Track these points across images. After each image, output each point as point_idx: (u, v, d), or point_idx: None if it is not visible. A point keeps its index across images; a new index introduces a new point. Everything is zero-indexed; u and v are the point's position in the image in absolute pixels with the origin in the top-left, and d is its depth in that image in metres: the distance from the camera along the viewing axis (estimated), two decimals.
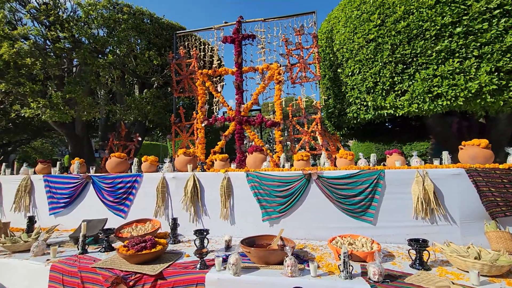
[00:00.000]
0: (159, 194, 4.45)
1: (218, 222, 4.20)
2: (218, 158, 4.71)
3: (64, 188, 4.93)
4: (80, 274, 2.99)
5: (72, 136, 7.96)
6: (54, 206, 4.94)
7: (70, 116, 5.58)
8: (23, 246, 3.57)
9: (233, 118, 5.64)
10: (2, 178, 5.35)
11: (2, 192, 5.30)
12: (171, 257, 3.21)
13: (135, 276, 2.83)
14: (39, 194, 5.11)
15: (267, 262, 2.87)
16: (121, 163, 5.11)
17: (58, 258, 3.31)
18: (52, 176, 5.08)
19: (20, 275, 3.23)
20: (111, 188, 4.70)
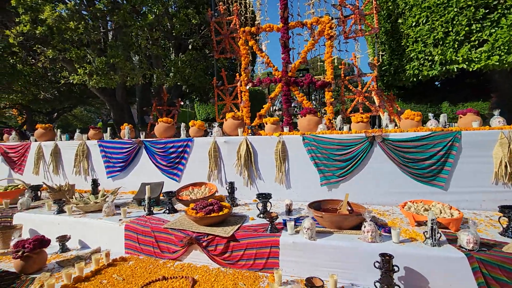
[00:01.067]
0: (211, 159, 4.43)
1: (273, 186, 4.15)
2: (269, 122, 4.52)
3: (118, 153, 5.07)
4: (153, 234, 3.11)
5: (113, 103, 8.09)
6: (110, 170, 5.15)
7: (115, 81, 5.54)
8: (94, 207, 3.77)
9: (279, 79, 5.33)
10: (60, 144, 5.60)
11: (62, 157, 5.58)
12: (237, 220, 3.23)
13: (207, 237, 2.88)
14: (95, 159, 5.32)
15: (340, 227, 2.78)
16: (169, 128, 5.10)
17: (129, 218, 3.46)
18: (106, 141, 5.23)
19: (97, 233, 3.44)
20: (163, 152, 4.75)
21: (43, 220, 3.75)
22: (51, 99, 8.56)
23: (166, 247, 3.06)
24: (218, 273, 2.67)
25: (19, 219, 3.86)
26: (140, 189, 4.27)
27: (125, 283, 2.55)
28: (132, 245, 3.21)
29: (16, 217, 3.89)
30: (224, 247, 2.82)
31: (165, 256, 3.04)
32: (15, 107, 12.84)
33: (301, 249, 2.60)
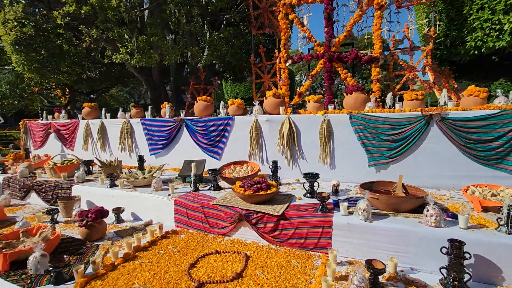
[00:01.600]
0: (253, 137, 4.39)
1: (316, 166, 4.05)
2: (312, 100, 4.34)
3: (160, 131, 5.20)
4: (202, 210, 3.18)
5: (150, 82, 8.25)
6: (153, 147, 5.32)
7: (154, 60, 5.59)
8: (143, 182, 3.93)
9: (321, 54, 5.05)
10: (106, 122, 5.86)
11: (107, 134, 5.86)
12: (284, 199, 3.20)
13: (256, 215, 2.89)
14: (138, 136, 5.52)
15: (396, 209, 2.64)
16: (208, 106, 5.11)
17: (176, 194, 3.56)
18: (148, 119, 5.37)
19: (148, 207, 3.60)
20: (204, 131, 4.79)
21: (98, 192, 3.99)
22: (93, 79, 8.93)
23: (215, 223, 3.12)
24: (269, 250, 2.69)
25: (76, 191, 4.15)
26: (183, 166, 4.38)
27: (180, 254, 2.65)
28: (181, 219, 3.33)
29: (74, 189, 4.18)
30: (274, 225, 2.81)
31: (214, 231, 3.11)
32: (59, 88, 13.62)
33: (356, 230, 2.52)
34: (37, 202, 4.51)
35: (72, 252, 2.78)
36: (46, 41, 5.91)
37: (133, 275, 2.32)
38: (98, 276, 2.29)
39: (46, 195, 4.38)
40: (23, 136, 6.99)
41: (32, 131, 6.94)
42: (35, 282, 2.27)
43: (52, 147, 6.61)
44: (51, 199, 4.34)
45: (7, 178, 4.92)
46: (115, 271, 2.39)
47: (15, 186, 4.77)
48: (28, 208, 4.26)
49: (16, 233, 2.91)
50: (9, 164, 5.59)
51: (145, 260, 2.54)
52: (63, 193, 4.25)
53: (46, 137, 6.69)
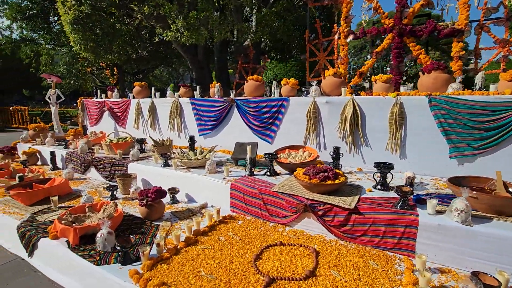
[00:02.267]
0: (310, 120, 4.05)
1: (383, 154, 3.62)
2: (380, 80, 3.84)
3: (210, 111, 5.07)
4: (261, 196, 2.99)
5: (195, 62, 8.15)
6: (202, 128, 5.23)
7: (204, 37, 5.38)
8: (196, 163, 3.85)
9: (390, 28, 4.43)
10: (155, 101, 5.90)
11: (157, 113, 5.90)
12: (351, 190, 2.88)
13: (323, 206, 2.62)
14: (187, 116, 5.46)
15: (501, 212, 2.19)
16: (259, 87, 4.83)
17: (232, 177, 3.41)
18: (198, 99, 5.26)
19: (202, 189, 3.51)
20: (256, 112, 4.55)
21: (153, 171, 4.00)
22: (140, 59, 9.09)
23: (274, 211, 2.92)
24: (339, 247, 2.42)
25: (132, 168, 4.22)
26: (235, 149, 4.21)
27: (242, 243, 2.50)
28: (238, 205, 3.18)
29: (130, 166, 4.25)
30: (344, 219, 2.52)
31: (274, 219, 2.91)
32: (108, 68, 14.27)
33: (450, 234, 2.13)
34: (96, 177, 4.70)
35: (134, 230, 2.77)
36: (101, 20, 5.99)
37: (198, 261, 2.21)
38: (163, 260, 2.22)
39: (104, 170, 4.54)
40: (80, 113, 7.39)
41: (88, 108, 7.29)
42: (104, 259, 2.27)
43: (106, 125, 6.90)
44: (109, 175, 4.48)
45: (70, 152, 5.20)
46: (178, 255, 2.30)
47: (76, 161, 5.02)
48: (89, 183, 4.46)
49: (83, 208, 2.98)
50: (70, 140, 5.92)
51: (207, 246, 2.43)
52: (119, 170, 4.35)
53: (101, 114, 6.98)
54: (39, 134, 6.22)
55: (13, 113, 15.50)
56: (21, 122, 15.32)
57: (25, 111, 15.02)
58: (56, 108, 6.59)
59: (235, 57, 6.54)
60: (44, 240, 2.64)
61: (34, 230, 2.80)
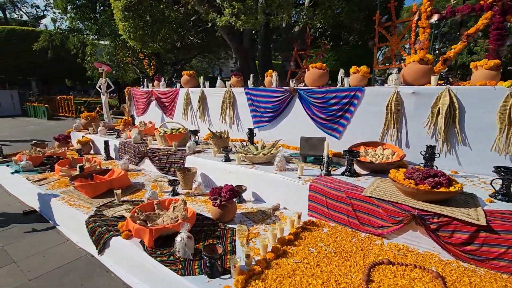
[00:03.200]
0: (391, 114, 3.53)
1: (486, 156, 3.03)
2: (485, 66, 3.20)
3: (267, 102, 4.70)
4: (350, 201, 2.57)
5: (240, 50, 7.80)
6: (258, 120, 4.89)
7: (260, 22, 4.97)
8: (262, 159, 3.51)
9: (489, 5, 3.72)
10: (206, 91, 5.64)
11: (207, 104, 5.65)
12: (466, 200, 2.36)
13: (438, 219, 2.15)
14: (240, 107, 5.13)
15: None
16: (323, 75, 4.36)
17: (307, 176, 3.03)
18: (254, 89, 4.91)
19: (271, 188, 3.17)
20: (323, 103, 4.10)
21: (213, 166, 3.73)
22: (184, 48, 8.91)
23: (367, 219, 2.50)
24: (466, 271, 1.96)
25: (190, 162, 3.99)
26: (302, 144, 3.81)
27: (340, 257, 2.12)
28: (318, 209, 2.80)
29: (188, 159, 4.02)
30: (469, 237, 2.04)
31: (366, 229, 2.50)
32: (146, 58, 14.37)
33: None
34: (151, 169, 4.56)
35: (208, 234, 2.50)
36: (151, 6, 5.79)
37: (297, 280, 1.86)
38: (255, 274, 1.90)
39: (160, 163, 4.37)
40: (128, 103, 7.38)
41: (135, 98, 7.25)
42: (187, 269, 2.00)
43: (153, 115, 6.81)
44: (164, 168, 4.30)
45: (123, 143, 5.11)
46: (270, 269, 1.97)
47: (130, 152, 4.92)
48: (144, 175, 4.31)
49: (151, 205, 2.77)
50: (121, 130, 5.87)
51: (301, 260, 2.08)
52: (176, 163, 4.14)
53: (148, 104, 6.90)
54: (91, 123, 6.26)
55: (60, 102, 16.32)
56: (67, 111, 16.11)
57: (71, 101, 15.73)
58: (106, 97, 6.59)
59: (290, 44, 6.07)
60: (116, 239, 2.45)
61: (104, 226, 2.63)
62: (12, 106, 16.94)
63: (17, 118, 15.30)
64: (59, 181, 3.94)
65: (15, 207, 3.82)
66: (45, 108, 14.88)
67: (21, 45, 16.80)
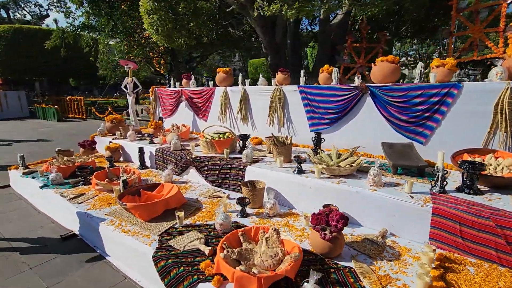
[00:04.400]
0: (504, 115, 2.92)
1: None
2: None
3: (329, 102, 4.10)
4: (502, 232, 1.97)
5: (272, 45, 7.21)
6: (316, 122, 4.29)
7: (314, 8, 4.36)
8: (347, 171, 2.91)
9: None
10: (248, 90, 5.04)
11: (250, 104, 5.06)
12: None
13: None
14: (292, 108, 4.54)
15: None
16: (396, 70, 3.76)
17: (418, 194, 2.44)
18: (311, 87, 4.30)
19: (370, 209, 2.58)
20: (404, 103, 3.49)
21: (284, 179, 3.14)
22: (207, 44, 8.31)
23: None
24: None
25: (252, 173, 3.39)
26: (386, 152, 3.22)
27: None
28: (446, 238, 2.20)
29: (248, 171, 3.43)
30: None
31: None
32: (157, 56, 13.73)
33: None
34: (197, 180, 3.98)
35: (324, 279, 1.90)
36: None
37: None
38: None
39: (210, 173, 3.79)
40: (153, 103, 6.80)
41: (161, 98, 6.67)
42: None
43: (182, 117, 6.23)
44: (216, 179, 3.72)
45: (160, 149, 4.53)
46: None
47: (170, 160, 4.34)
48: (194, 188, 3.73)
49: (235, 236, 2.19)
50: (154, 134, 5.29)
51: None
52: (232, 174, 3.56)
53: (177, 105, 6.32)
54: (117, 127, 5.68)
55: (69, 103, 15.78)
56: (77, 112, 15.57)
57: (81, 101, 15.18)
58: (133, 98, 6.00)
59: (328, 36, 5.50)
60: (205, 286, 1.87)
61: (180, 265, 2.05)
62: (19, 107, 16.38)
63: (26, 120, 14.77)
64: (99, 198, 3.37)
65: (49, 229, 3.26)
66: (54, 110, 14.34)
67: (28, 44, 16.25)
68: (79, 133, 10.33)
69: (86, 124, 13.24)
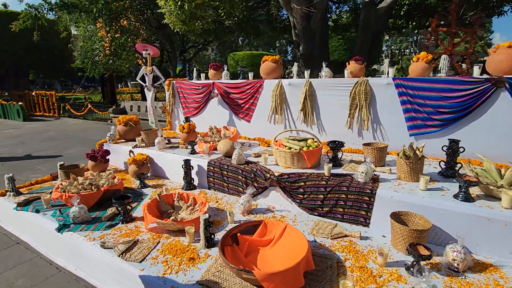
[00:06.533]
0: None
1: None
2: None
3: (442, 98, 3.23)
4: None
5: (307, 32, 6.24)
6: (418, 124, 3.40)
7: None
8: None
9: None
10: (315, 83, 4.02)
11: (317, 101, 4.05)
12: None
13: None
14: (381, 105, 3.61)
15: None
16: None
17: None
18: (414, 79, 3.39)
19: None
20: None
21: (451, 210, 2.21)
22: (223, 28, 7.08)
23: None
24: None
25: (382, 199, 2.42)
26: None
27: None
28: None
29: (380, 197, 2.45)
30: None
31: None
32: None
33: None
34: (281, 206, 2.93)
35: None
36: None
37: None
38: None
39: (309, 198, 2.75)
40: (170, 100, 5.50)
41: (182, 93, 5.39)
42: None
43: (213, 116, 5.06)
44: (320, 207, 2.70)
45: (217, 163, 3.36)
46: None
47: (234, 178, 3.21)
48: (291, 221, 2.66)
49: None
50: (185, 140, 4.07)
51: None
52: (350, 200, 2.56)
53: (205, 102, 5.10)
54: (136, 131, 4.38)
55: (36, 99, 13.48)
56: (46, 109, 13.34)
57: (52, 97, 12.99)
58: (153, 93, 4.68)
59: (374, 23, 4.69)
60: None
61: None
62: None
63: None
64: (167, 248, 2.18)
65: None
66: (19, 107, 12.09)
67: None
68: (59, 135, 8.57)
69: (62, 124, 11.28)
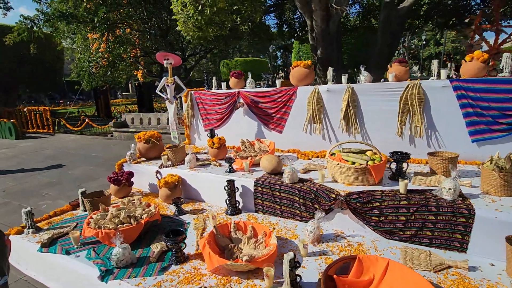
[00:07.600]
0: None
1: None
2: None
3: (507, 100, 2.96)
4: None
5: (326, 35, 5.98)
6: (481, 129, 3.12)
7: None
8: None
9: None
10: (358, 88, 3.71)
11: (361, 108, 3.73)
12: None
13: None
14: (436, 110, 3.32)
15: None
16: None
17: None
18: (476, 81, 3.11)
19: None
20: None
21: None
22: (233, 34, 6.76)
23: None
24: None
25: (485, 225, 2.09)
26: None
27: None
28: None
29: (480, 220, 2.12)
30: None
31: None
32: (146, 55, 11.59)
33: None
34: (351, 230, 2.56)
35: None
36: None
37: None
38: None
39: (385, 220, 2.40)
40: (189, 112, 5.09)
41: (202, 104, 5.00)
42: None
43: (238, 128, 4.69)
44: (401, 230, 2.35)
45: (266, 182, 2.98)
46: None
47: (289, 199, 2.84)
48: (375, 251, 2.30)
49: None
50: (215, 156, 3.68)
51: None
52: (442, 222, 2.22)
53: (230, 112, 4.73)
54: (160, 149, 3.96)
55: (28, 115, 12.79)
56: (40, 126, 12.67)
57: (46, 112, 12.34)
58: (175, 106, 4.27)
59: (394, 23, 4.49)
60: None
61: None
62: None
63: None
64: None
65: None
66: (11, 124, 11.41)
67: None
68: (59, 154, 8.01)
69: (58, 140, 10.67)
